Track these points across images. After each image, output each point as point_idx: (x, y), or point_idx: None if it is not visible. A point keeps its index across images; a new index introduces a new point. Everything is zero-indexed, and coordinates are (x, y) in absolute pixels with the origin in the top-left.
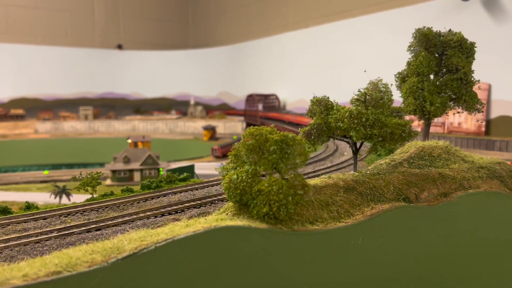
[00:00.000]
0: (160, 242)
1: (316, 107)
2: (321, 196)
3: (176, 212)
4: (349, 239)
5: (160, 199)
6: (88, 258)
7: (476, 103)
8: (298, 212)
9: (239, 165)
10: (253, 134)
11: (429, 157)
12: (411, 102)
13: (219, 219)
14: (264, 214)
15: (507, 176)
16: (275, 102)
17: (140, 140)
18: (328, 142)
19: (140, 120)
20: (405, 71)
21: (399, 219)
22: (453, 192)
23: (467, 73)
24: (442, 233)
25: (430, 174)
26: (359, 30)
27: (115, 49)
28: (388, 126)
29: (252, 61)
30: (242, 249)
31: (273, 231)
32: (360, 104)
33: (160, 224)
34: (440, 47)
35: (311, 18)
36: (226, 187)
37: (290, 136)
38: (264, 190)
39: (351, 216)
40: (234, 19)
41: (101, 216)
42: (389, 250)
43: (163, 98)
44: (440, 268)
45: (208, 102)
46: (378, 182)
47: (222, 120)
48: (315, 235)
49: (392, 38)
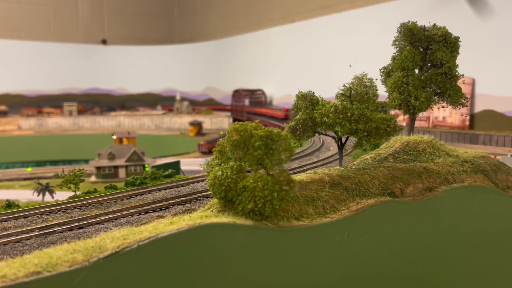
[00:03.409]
0: (143, 240)
1: (301, 102)
2: (307, 191)
3: (160, 209)
4: (334, 235)
5: (144, 196)
6: (69, 257)
7: (460, 97)
8: (284, 208)
9: (224, 161)
10: (238, 130)
11: (414, 151)
12: (396, 97)
13: (204, 216)
14: (249, 210)
15: (491, 170)
16: (261, 97)
17: (125, 136)
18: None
19: (126, 116)
20: (390, 66)
21: (384, 214)
22: (438, 186)
23: (451, 68)
24: (428, 228)
25: (415, 169)
26: (344, 25)
27: (100, 44)
28: (373, 121)
29: (239, 56)
30: (227, 246)
31: (258, 228)
32: (345, 99)
33: (144, 221)
34: (425, 41)
35: (297, 13)
36: (211, 184)
37: (275, 132)
38: (249, 186)
39: (336, 212)
40: (220, 13)
41: (83, 214)
42: (374, 245)
43: (148, 94)
44: (425, 262)
45: (194, 98)
46: (363, 177)
47: (208, 116)
48: (301, 231)
49: (377, 33)
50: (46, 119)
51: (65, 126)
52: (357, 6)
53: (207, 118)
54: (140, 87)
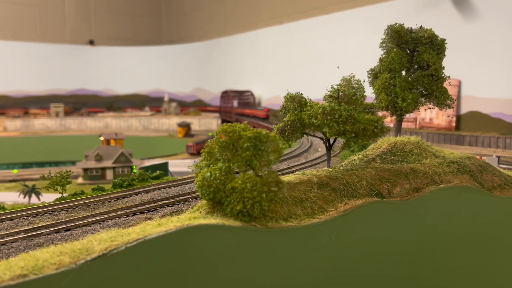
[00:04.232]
0: (131, 242)
1: (289, 104)
2: (295, 192)
3: (148, 211)
4: (323, 235)
5: (132, 198)
6: (55, 260)
7: (447, 99)
8: (272, 209)
9: (213, 163)
10: (226, 131)
11: (401, 152)
12: (383, 98)
13: (192, 217)
14: (238, 211)
15: (477, 170)
16: (250, 99)
17: (112, 137)
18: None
19: (113, 117)
20: (378, 68)
21: (372, 214)
22: (425, 187)
23: (438, 69)
24: (415, 228)
25: (402, 170)
26: (332, 27)
27: (87, 45)
28: (361, 122)
29: (227, 58)
30: (215, 248)
31: (247, 229)
32: (333, 100)
33: (131, 223)
34: (412, 43)
35: (285, 14)
36: (200, 185)
37: (264, 133)
38: (237, 187)
39: (324, 212)
40: (209, 15)
41: (70, 216)
42: (362, 245)
43: (136, 95)
44: (412, 261)
45: (183, 99)
46: (351, 178)
47: (197, 117)
48: (289, 232)
49: (364, 35)
50: (32, 120)
51: (52, 127)
52: (345, 8)
53: (196, 119)
54: (128, 88)
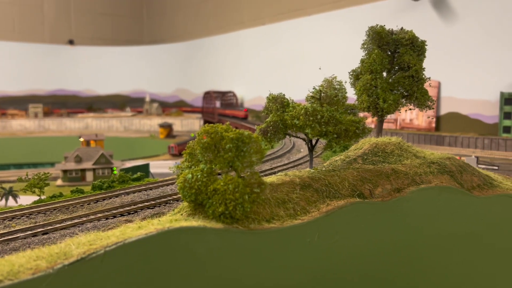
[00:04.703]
0: (110, 245)
1: (272, 105)
2: (278, 193)
3: (129, 213)
4: (305, 236)
5: (112, 200)
6: (32, 264)
7: (427, 100)
8: (255, 210)
9: (194, 164)
10: (208, 132)
11: (383, 153)
12: (365, 99)
13: (173, 219)
14: (220, 213)
15: (457, 171)
16: (232, 99)
17: (92, 138)
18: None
19: (93, 118)
20: (359, 69)
21: (354, 215)
22: (406, 187)
23: (418, 71)
24: (396, 228)
25: (383, 170)
26: (314, 28)
27: (66, 45)
28: (343, 123)
29: (209, 58)
30: (197, 251)
31: (229, 231)
32: (315, 101)
33: (111, 226)
34: (393, 45)
35: (267, 15)
36: (181, 187)
37: (246, 134)
38: (219, 189)
39: (307, 213)
40: (190, 15)
41: (48, 219)
42: (344, 246)
43: (117, 95)
44: (394, 262)
45: (164, 99)
46: (333, 178)
47: (179, 118)
48: (272, 233)
49: (346, 36)
50: (10, 121)
51: (30, 128)
52: (326, 9)
53: (178, 120)
54: (109, 89)
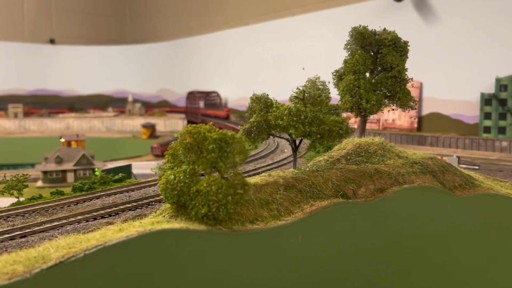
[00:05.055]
0: (90, 249)
1: (255, 105)
2: (261, 194)
3: (109, 215)
4: (289, 237)
5: (93, 202)
6: (8, 269)
7: (409, 100)
8: (238, 211)
9: (177, 165)
10: (191, 133)
11: (366, 153)
12: (348, 100)
13: (155, 222)
14: (203, 215)
15: (439, 170)
16: (216, 100)
17: (73, 139)
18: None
19: (75, 118)
20: (342, 69)
21: (337, 215)
22: (389, 187)
23: (401, 71)
24: (379, 228)
25: (366, 170)
26: (298, 29)
27: (47, 44)
28: (326, 123)
29: (193, 58)
30: (179, 253)
31: (212, 233)
32: (298, 101)
33: (92, 228)
34: (376, 45)
35: (251, 15)
36: (163, 188)
37: (229, 134)
38: (202, 190)
39: (291, 214)
40: (174, 14)
41: (27, 222)
42: (328, 246)
43: (99, 95)
44: (378, 262)
45: (147, 99)
46: (317, 179)
47: (162, 118)
48: (255, 235)
49: (329, 37)
50: None
51: (10, 128)
52: (309, 10)
53: (161, 120)
54: (90, 88)
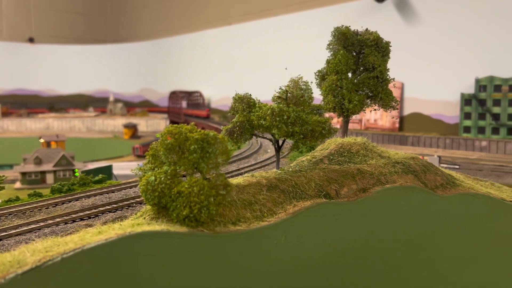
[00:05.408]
0: (68, 252)
1: (238, 105)
2: (244, 195)
3: (89, 217)
4: (272, 238)
5: (72, 204)
6: None
7: (391, 100)
8: (221, 213)
9: (158, 166)
10: (172, 133)
11: (348, 153)
12: (331, 100)
13: (135, 224)
14: (184, 217)
15: (421, 170)
16: (199, 99)
17: (53, 139)
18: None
19: (55, 118)
20: (325, 69)
21: (320, 215)
22: (371, 187)
23: (383, 72)
24: (362, 228)
25: (349, 170)
26: (281, 29)
27: (26, 43)
28: (309, 123)
29: (176, 57)
30: (160, 256)
31: (194, 235)
32: (281, 101)
33: (70, 231)
34: (358, 46)
35: (233, 15)
36: (143, 190)
37: (212, 135)
38: (184, 191)
39: (274, 215)
40: (156, 13)
41: (3, 225)
42: (311, 246)
43: (80, 95)
44: (360, 261)
45: (129, 99)
46: (300, 179)
47: (144, 118)
48: (238, 236)
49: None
50: None
51: None
52: (292, 10)
53: (143, 120)
54: (71, 88)
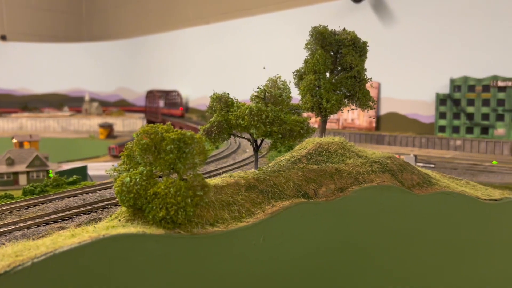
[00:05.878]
0: (39, 256)
1: (216, 104)
2: (222, 195)
3: (62, 219)
4: (250, 239)
5: (45, 206)
6: None
7: (368, 100)
8: (198, 214)
9: (133, 167)
10: (148, 133)
11: (326, 153)
12: (309, 100)
13: (110, 226)
14: (161, 218)
15: (397, 169)
16: (177, 99)
17: (26, 139)
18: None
19: (28, 118)
20: (303, 69)
21: (299, 215)
22: (349, 186)
23: (360, 71)
24: (341, 227)
25: (327, 170)
26: (259, 28)
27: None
28: (287, 123)
29: (153, 56)
30: (136, 259)
31: (171, 236)
32: (259, 101)
33: (43, 234)
34: (335, 45)
35: (211, 14)
36: (118, 191)
37: (188, 134)
38: (160, 192)
39: (252, 215)
40: (132, 12)
41: None
42: (290, 247)
43: (54, 94)
44: (339, 260)
45: (105, 98)
46: (278, 179)
47: (120, 117)
48: (216, 237)
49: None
50: None
51: None
52: (270, 10)
53: (119, 119)
54: (45, 87)
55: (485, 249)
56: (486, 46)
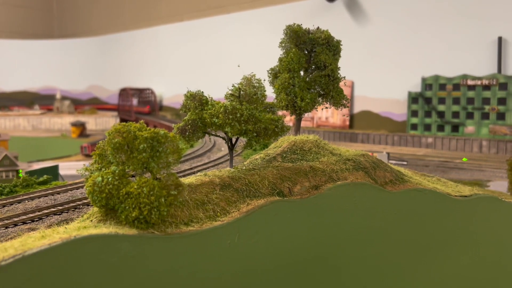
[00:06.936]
0: (7, 259)
1: (190, 102)
2: (197, 195)
3: (32, 220)
4: (225, 238)
5: (14, 207)
6: None
7: (342, 98)
8: (172, 213)
9: (105, 166)
10: (120, 131)
11: (301, 151)
12: (283, 98)
13: (82, 227)
14: (134, 218)
15: (371, 167)
16: (150, 97)
17: None
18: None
19: None
20: (277, 67)
21: (273, 213)
22: (323, 184)
23: (334, 70)
24: (315, 225)
25: (302, 168)
26: (233, 26)
27: None
28: (262, 121)
29: (126, 54)
30: (108, 260)
31: (144, 237)
32: (234, 99)
33: (11, 236)
34: (309, 44)
35: (185, 12)
36: (90, 191)
37: (162, 133)
38: (133, 192)
39: (227, 214)
40: (105, 8)
41: None
42: (265, 245)
43: (24, 92)
44: (314, 258)
45: (77, 96)
46: (253, 177)
47: (92, 116)
48: (190, 237)
49: (264, 35)
50: None
51: None
52: (245, 8)
53: (91, 118)
54: (14, 85)
55: (456, 245)
56: (456, 46)
